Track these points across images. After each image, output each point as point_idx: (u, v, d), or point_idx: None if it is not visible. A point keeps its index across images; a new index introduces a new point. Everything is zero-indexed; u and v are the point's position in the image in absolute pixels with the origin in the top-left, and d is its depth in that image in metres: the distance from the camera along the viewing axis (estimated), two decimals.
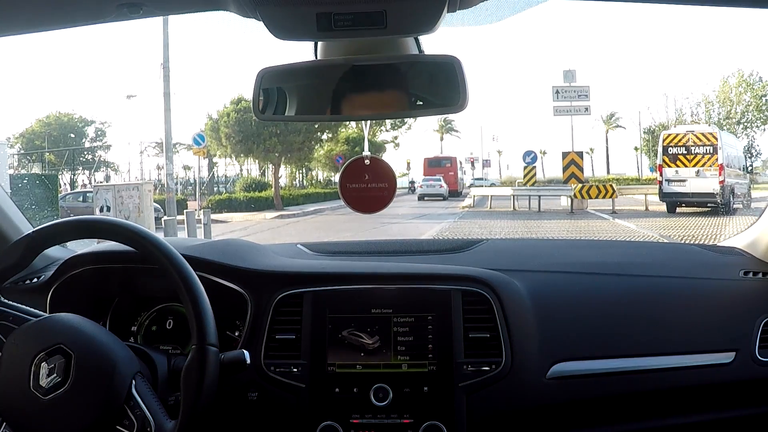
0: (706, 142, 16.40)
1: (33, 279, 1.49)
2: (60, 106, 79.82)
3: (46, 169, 34.92)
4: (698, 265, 1.57)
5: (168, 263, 1.09)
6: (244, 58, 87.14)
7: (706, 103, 33.10)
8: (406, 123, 37.49)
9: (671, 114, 34.94)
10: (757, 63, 61.99)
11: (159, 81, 15.79)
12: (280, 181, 27.67)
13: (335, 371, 1.26)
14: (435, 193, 30.47)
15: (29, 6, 1.10)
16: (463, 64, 1.16)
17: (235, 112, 24.56)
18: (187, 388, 1.04)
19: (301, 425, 1.24)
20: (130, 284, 1.44)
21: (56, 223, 1.16)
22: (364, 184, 1.42)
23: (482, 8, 1.13)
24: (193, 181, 31.35)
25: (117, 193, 14.15)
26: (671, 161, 16.82)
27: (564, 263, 1.53)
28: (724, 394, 1.32)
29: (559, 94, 21.85)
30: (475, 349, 1.26)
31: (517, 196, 20.35)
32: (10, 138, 38.68)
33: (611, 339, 1.32)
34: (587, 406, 1.29)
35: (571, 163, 19.57)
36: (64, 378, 1.02)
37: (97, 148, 45.57)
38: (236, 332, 1.39)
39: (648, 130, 38.16)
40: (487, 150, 70.04)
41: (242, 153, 26.14)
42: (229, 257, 1.39)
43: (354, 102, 1.25)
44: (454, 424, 1.22)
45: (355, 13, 1.04)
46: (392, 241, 1.72)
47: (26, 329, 1.08)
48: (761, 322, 1.34)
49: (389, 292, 1.31)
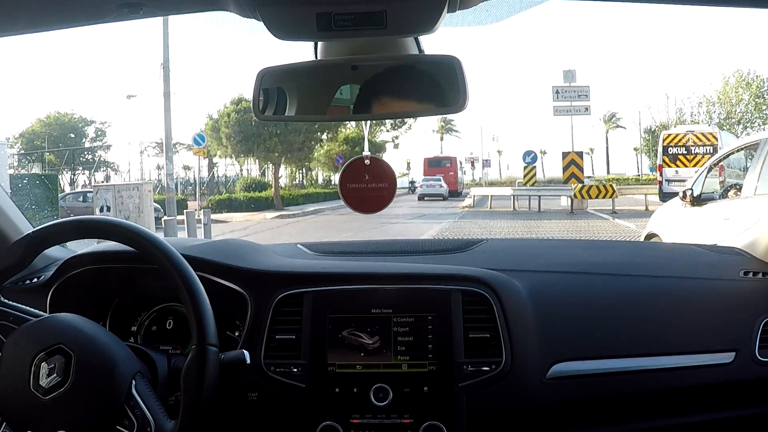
0: (706, 142, 16.43)
1: (33, 279, 1.49)
2: (60, 106, 79.88)
3: (46, 169, 34.90)
4: (698, 265, 1.57)
5: (168, 263, 1.09)
6: (244, 58, 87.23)
7: (707, 103, 33.14)
8: (406, 123, 37.57)
9: (671, 114, 35.01)
10: (757, 63, 62.03)
11: (159, 81, 15.81)
12: (280, 181, 27.69)
13: (335, 371, 1.26)
14: (435, 193, 30.51)
15: (29, 6, 1.10)
16: (463, 64, 1.16)
17: (235, 112, 24.59)
18: (187, 388, 1.04)
19: (301, 425, 1.24)
20: (130, 284, 1.44)
21: (56, 223, 1.16)
22: (364, 184, 1.41)
23: (482, 8, 1.13)
24: (193, 181, 31.37)
25: (117, 193, 14.17)
26: (671, 161, 16.86)
27: (564, 263, 1.53)
28: (724, 394, 1.32)
29: (559, 94, 21.87)
30: (475, 349, 1.26)
31: (517, 196, 20.38)
32: (10, 138, 38.74)
33: (611, 339, 1.32)
34: (587, 406, 1.29)
35: (571, 163, 19.59)
36: (64, 378, 1.02)
37: (97, 148, 45.62)
38: (236, 332, 1.38)
39: (648, 130, 38.21)
40: (487, 150, 70.04)
41: (242, 153, 26.18)
42: (229, 257, 1.39)
43: (354, 102, 1.25)
44: (454, 424, 1.22)
45: (355, 13, 1.04)
46: (392, 241, 1.72)
47: (26, 329, 1.08)
48: (761, 322, 1.34)
49: (389, 292, 1.31)
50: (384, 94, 1.25)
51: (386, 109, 1.26)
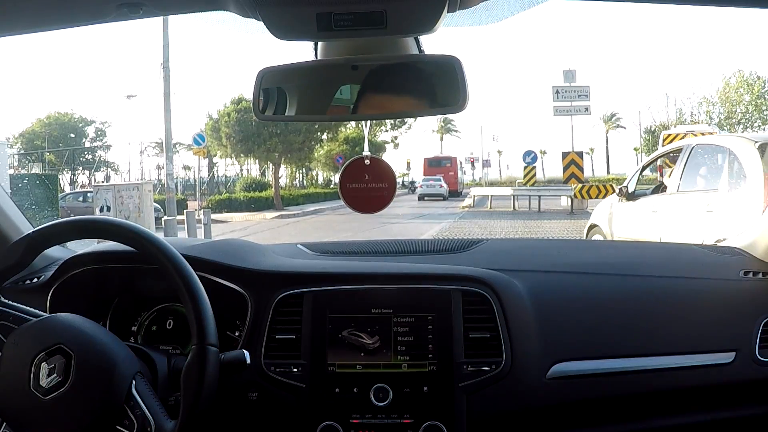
0: None
1: (33, 279, 1.49)
2: (60, 106, 79.92)
3: (46, 169, 34.91)
4: (698, 265, 1.57)
5: (168, 263, 1.09)
6: (244, 58, 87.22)
7: (707, 103, 33.14)
8: (406, 123, 37.55)
9: (671, 114, 35.00)
10: (758, 63, 62.03)
11: (159, 81, 15.81)
12: (280, 181, 27.69)
13: (335, 371, 1.26)
14: (435, 193, 30.50)
15: (29, 6, 1.10)
16: (463, 64, 1.16)
17: (235, 112, 24.59)
18: (187, 388, 1.04)
19: (301, 425, 1.24)
20: (130, 284, 1.44)
21: (56, 223, 1.16)
22: (364, 184, 1.42)
23: (482, 8, 1.13)
24: (193, 181, 31.36)
25: (117, 193, 14.17)
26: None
27: (564, 263, 1.53)
28: (724, 394, 1.32)
29: (559, 94, 21.84)
30: (475, 349, 1.26)
31: (517, 196, 20.37)
32: (10, 138, 38.73)
33: (611, 339, 1.32)
34: (587, 406, 1.29)
35: (571, 163, 19.56)
36: (64, 378, 1.02)
37: (97, 148, 45.62)
38: (236, 332, 1.39)
39: (648, 130, 38.20)
40: (487, 150, 69.99)
41: (242, 153, 26.16)
42: (229, 257, 1.39)
43: (354, 102, 1.25)
44: (454, 424, 1.22)
45: (355, 13, 1.04)
46: (392, 241, 1.72)
47: (26, 329, 1.08)
48: (761, 322, 1.34)
49: (389, 292, 1.31)
50: (384, 94, 1.24)
51: (386, 109, 1.26)
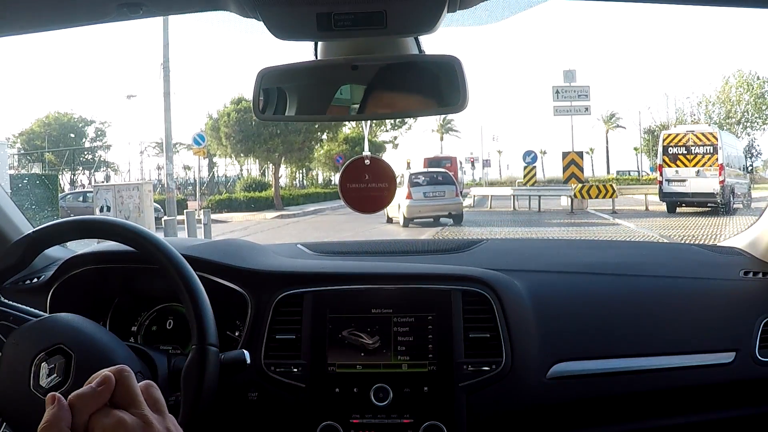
0: (706, 142, 16.38)
1: (33, 279, 1.49)
2: (60, 106, 79.85)
3: (46, 169, 34.89)
4: (698, 265, 1.57)
5: (168, 263, 1.09)
6: (244, 58, 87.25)
7: (707, 103, 33.15)
8: (406, 123, 37.50)
9: (671, 114, 35.01)
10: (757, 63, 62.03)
11: (159, 81, 15.81)
12: (280, 181, 27.68)
13: (335, 371, 1.26)
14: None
15: (29, 6, 1.10)
16: (463, 64, 1.16)
17: (235, 112, 24.57)
18: (187, 388, 1.04)
19: (301, 425, 1.24)
20: (130, 284, 1.44)
21: (56, 223, 1.16)
22: (364, 184, 1.41)
23: (482, 8, 1.13)
24: (193, 181, 31.36)
25: (117, 193, 14.17)
26: (671, 161, 16.82)
27: (564, 263, 1.53)
28: (724, 394, 1.32)
29: (559, 94, 21.85)
30: (475, 349, 1.26)
31: (517, 196, 20.36)
32: (10, 138, 38.73)
33: (611, 339, 1.32)
34: (587, 406, 1.29)
35: (571, 163, 19.56)
36: (65, 378, 1.02)
37: (97, 148, 45.57)
38: (236, 332, 1.38)
39: (648, 130, 38.20)
40: (487, 150, 69.85)
41: (242, 153, 26.16)
42: (229, 257, 1.39)
43: (354, 102, 1.25)
44: (454, 424, 1.22)
45: (355, 13, 1.04)
46: (392, 241, 1.72)
47: (26, 329, 1.08)
48: (761, 322, 1.34)
49: (389, 292, 1.31)
50: (384, 93, 1.24)
51: (386, 109, 1.26)
